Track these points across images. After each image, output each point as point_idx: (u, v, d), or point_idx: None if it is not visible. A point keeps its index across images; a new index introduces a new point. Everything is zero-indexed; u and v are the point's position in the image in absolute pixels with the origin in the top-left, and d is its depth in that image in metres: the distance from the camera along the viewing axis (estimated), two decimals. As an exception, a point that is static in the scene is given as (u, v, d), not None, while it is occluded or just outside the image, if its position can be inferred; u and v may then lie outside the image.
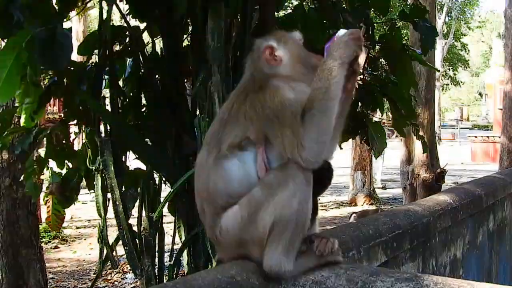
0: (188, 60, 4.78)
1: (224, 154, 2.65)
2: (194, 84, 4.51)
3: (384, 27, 5.74)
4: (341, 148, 6.41)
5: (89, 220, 14.48)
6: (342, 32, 2.70)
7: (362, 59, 2.81)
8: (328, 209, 17.30)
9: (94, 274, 10.15)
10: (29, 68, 4.25)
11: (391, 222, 3.45)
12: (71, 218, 14.52)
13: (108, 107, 5.01)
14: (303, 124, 2.51)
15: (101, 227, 4.86)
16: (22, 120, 5.41)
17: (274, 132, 2.58)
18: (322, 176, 2.77)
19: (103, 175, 4.68)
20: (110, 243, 4.88)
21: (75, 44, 5.27)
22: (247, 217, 2.57)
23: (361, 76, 5.83)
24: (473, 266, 4.96)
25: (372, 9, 5.37)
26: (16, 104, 5.23)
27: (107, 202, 4.81)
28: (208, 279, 2.17)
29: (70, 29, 4.23)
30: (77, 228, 14.20)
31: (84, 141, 5.20)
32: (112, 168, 4.59)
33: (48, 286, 8.96)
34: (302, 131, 2.50)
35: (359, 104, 5.91)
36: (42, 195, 5.99)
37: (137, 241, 4.72)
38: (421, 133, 12.14)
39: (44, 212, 12.52)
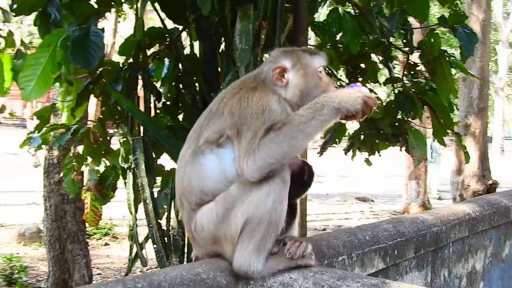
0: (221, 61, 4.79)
1: (201, 149, 2.65)
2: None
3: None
4: (380, 155, 6.35)
5: (142, 219, 14.62)
6: (364, 89, 2.67)
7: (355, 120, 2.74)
8: (379, 217, 17.04)
9: (140, 271, 10.27)
10: (64, 66, 4.35)
11: (393, 229, 3.35)
12: (124, 216, 14.75)
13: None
14: (263, 138, 2.48)
15: (131, 225, 4.91)
16: (64, 118, 5.55)
17: (243, 131, 2.56)
18: (302, 178, 2.73)
19: (135, 174, 4.74)
20: (140, 241, 4.93)
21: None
22: (222, 214, 2.56)
23: (401, 83, 5.74)
24: (497, 280, 4.76)
25: (411, 15, 5.25)
26: (54, 101, 5.34)
27: (139, 200, 4.87)
28: (171, 275, 2.14)
29: (102, 29, 4.30)
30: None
31: (122, 139, 5.28)
32: (143, 167, 4.63)
33: (94, 281, 9.13)
34: (257, 144, 2.48)
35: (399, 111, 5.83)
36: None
37: (166, 239, 4.75)
38: (472, 143, 11.96)
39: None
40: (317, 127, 2.52)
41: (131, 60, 4.93)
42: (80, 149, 5.48)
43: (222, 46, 5.00)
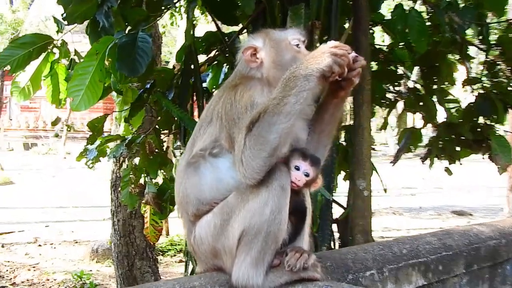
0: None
1: (194, 159, 2.66)
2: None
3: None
4: (460, 164, 6.15)
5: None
6: (330, 43, 2.60)
7: (356, 72, 2.65)
8: (478, 233, 16.38)
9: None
10: (113, 75, 4.47)
11: (438, 242, 3.22)
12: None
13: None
14: (247, 136, 2.46)
15: (186, 240, 4.96)
16: (121, 128, 5.70)
17: (234, 135, 2.55)
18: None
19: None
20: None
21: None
22: (220, 225, 2.55)
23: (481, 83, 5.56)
24: None
25: (486, 9, 5.07)
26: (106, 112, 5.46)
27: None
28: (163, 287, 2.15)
29: (150, 34, 4.37)
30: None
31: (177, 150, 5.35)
32: (196, 178, 4.68)
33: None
34: (243, 144, 2.46)
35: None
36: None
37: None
38: None
39: (171, 223, 13.07)
40: (294, 102, 2.45)
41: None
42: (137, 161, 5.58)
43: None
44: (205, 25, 14.97)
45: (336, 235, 5.19)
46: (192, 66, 4.88)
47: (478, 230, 3.66)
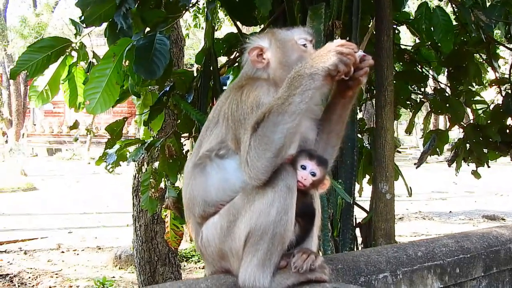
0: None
1: (201, 160, 2.67)
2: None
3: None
4: (488, 167, 6.09)
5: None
6: (336, 41, 2.60)
7: (364, 71, 2.66)
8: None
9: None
10: (130, 77, 4.50)
11: (455, 245, 3.19)
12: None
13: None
14: (252, 136, 2.46)
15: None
16: (141, 132, 5.73)
17: (240, 135, 2.55)
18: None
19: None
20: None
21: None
22: (226, 226, 2.56)
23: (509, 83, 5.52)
24: None
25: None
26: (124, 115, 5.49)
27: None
28: (167, 291, 2.16)
29: (168, 36, 4.40)
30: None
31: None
32: (215, 181, 4.69)
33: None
34: (248, 145, 2.46)
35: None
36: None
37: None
38: None
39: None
40: (298, 102, 2.46)
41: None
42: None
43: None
44: (229, 27, 15.04)
45: (360, 239, 5.18)
46: (211, 68, 4.90)
47: (498, 232, 3.63)
